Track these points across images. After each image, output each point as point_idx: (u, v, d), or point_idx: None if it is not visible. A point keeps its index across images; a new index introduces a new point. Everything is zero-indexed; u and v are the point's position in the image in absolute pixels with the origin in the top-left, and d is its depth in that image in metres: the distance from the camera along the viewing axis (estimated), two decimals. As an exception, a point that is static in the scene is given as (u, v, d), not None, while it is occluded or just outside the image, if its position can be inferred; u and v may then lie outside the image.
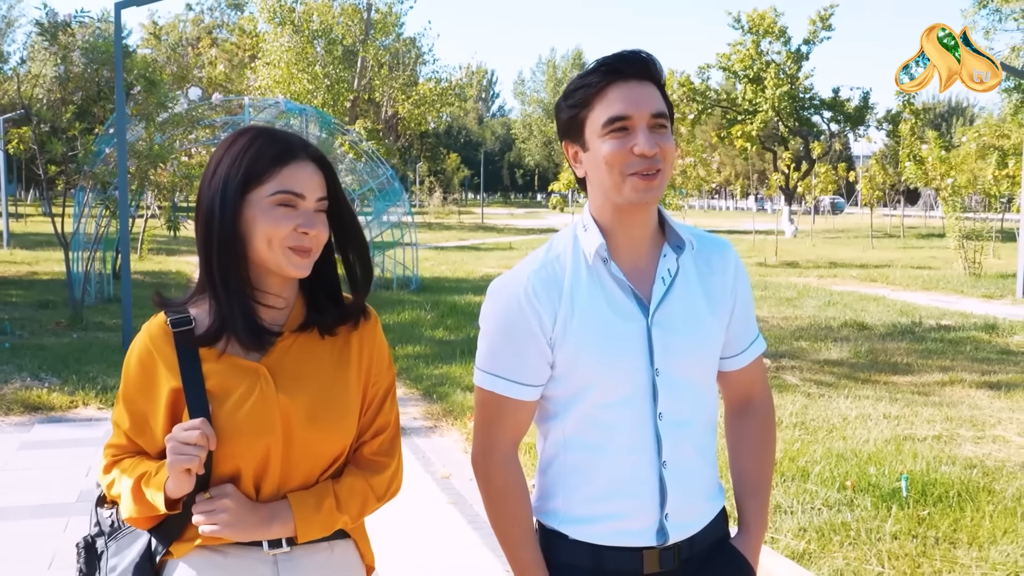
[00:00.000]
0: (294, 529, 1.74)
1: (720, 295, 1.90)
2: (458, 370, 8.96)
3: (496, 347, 1.85)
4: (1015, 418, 7.19)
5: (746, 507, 2.01)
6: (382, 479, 1.85)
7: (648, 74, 1.78)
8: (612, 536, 1.83)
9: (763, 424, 2.04)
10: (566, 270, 1.83)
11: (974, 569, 4.28)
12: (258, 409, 1.73)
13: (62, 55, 11.23)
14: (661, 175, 1.76)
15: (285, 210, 1.70)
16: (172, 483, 1.68)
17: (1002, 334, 11.35)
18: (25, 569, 4.40)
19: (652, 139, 1.74)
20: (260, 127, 1.81)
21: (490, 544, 4.84)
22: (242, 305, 1.73)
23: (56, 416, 7.35)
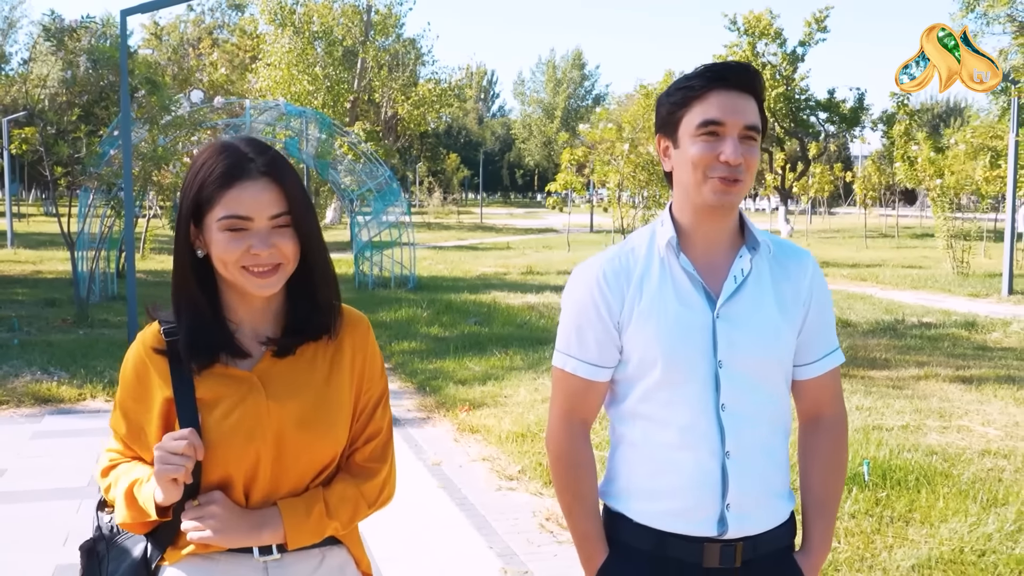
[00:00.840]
0: (284, 536, 1.75)
1: (793, 300, 1.93)
2: (451, 365, 9.29)
3: (569, 329, 1.96)
4: (982, 409, 7.52)
5: (811, 525, 2.02)
6: (373, 485, 1.85)
7: (750, 87, 1.83)
8: (672, 522, 1.87)
9: (834, 440, 2.03)
10: (639, 260, 1.91)
11: (923, 544, 4.61)
12: (248, 416, 1.74)
13: (68, 60, 11.54)
14: (741, 184, 1.82)
15: (233, 234, 1.70)
16: (160, 492, 1.69)
17: (980, 331, 11.69)
18: (42, 545, 4.73)
19: (739, 149, 1.80)
20: (221, 143, 1.77)
21: (475, 523, 5.18)
22: (189, 326, 1.76)
23: (65, 408, 7.68)
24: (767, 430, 1.90)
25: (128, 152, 10.36)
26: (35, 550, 4.69)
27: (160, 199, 18.49)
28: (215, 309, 1.78)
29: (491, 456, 6.42)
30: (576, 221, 44.91)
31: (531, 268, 21.27)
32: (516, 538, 4.96)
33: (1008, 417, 7.27)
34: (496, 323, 12.09)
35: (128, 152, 10.36)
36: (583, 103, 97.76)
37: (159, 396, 1.76)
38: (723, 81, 1.81)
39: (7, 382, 8.24)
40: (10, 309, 12.92)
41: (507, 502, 5.54)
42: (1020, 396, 7.97)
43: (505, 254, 26.79)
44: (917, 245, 31.57)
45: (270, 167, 1.72)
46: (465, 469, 6.19)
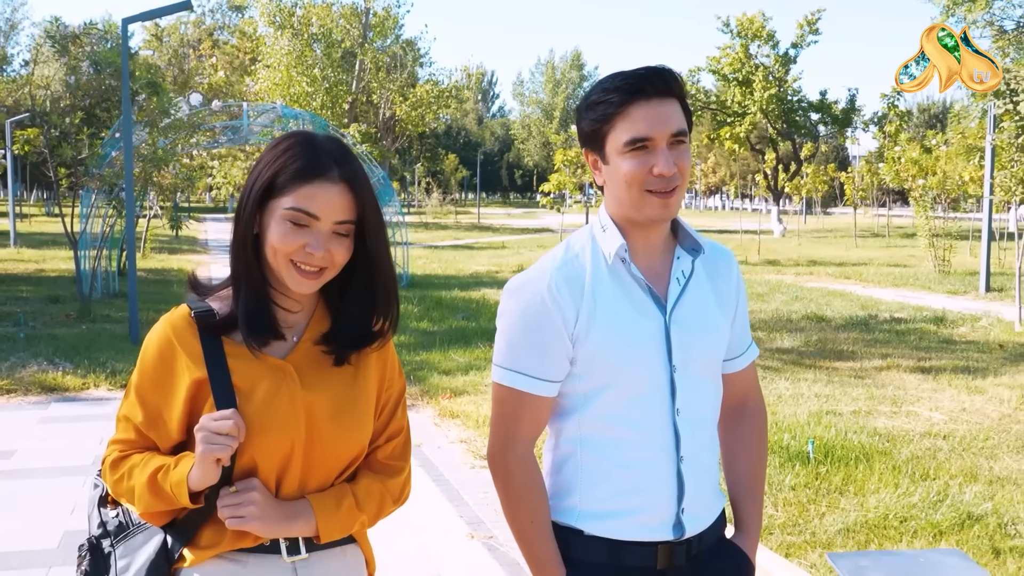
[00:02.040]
0: (315, 528, 1.74)
1: (727, 298, 1.97)
2: (437, 356, 9.76)
3: (517, 343, 1.86)
4: (934, 397, 7.98)
5: (743, 507, 2.07)
6: (397, 482, 1.86)
7: (670, 91, 1.81)
8: (631, 531, 1.86)
9: (758, 427, 2.10)
10: (586, 268, 1.85)
11: (852, 512, 5.07)
12: (285, 405, 1.73)
13: (72, 65, 12.01)
14: (678, 191, 1.81)
15: (295, 227, 1.69)
16: (198, 473, 1.66)
17: (948, 326, 12.15)
18: (52, 515, 5.19)
19: (671, 158, 1.78)
20: (307, 134, 1.78)
21: (448, 496, 5.64)
22: (248, 302, 1.74)
23: (70, 396, 8.14)
24: (710, 429, 1.93)
25: (129, 154, 10.83)
26: (45, 519, 5.14)
27: (160, 199, 18.97)
28: (266, 292, 1.77)
29: (468, 438, 6.88)
30: (572, 221, 45.44)
31: (522, 266, 21.72)
32: (485, 508, 5.42)
33: (957, 404, 7.73)
34: (483, 318, 12.57)
35: (129, 154, 10.83)
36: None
37: (186, 379, 1.73)
38: (641, 93, 1.78)
39: (15, 372, 8.70)
40: (15, 305, 13.39)
41: (479, 478, 6.00)
42: (973, 385, 8.43)
43: (499, 253, 27.25)
44: (906, 245, 31.99)
45: (350, 175, 1.72)
46: (443, 450, 6.65)
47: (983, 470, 5.84)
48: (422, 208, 63.89)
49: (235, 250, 1.76)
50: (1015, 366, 9.43)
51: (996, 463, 6.00)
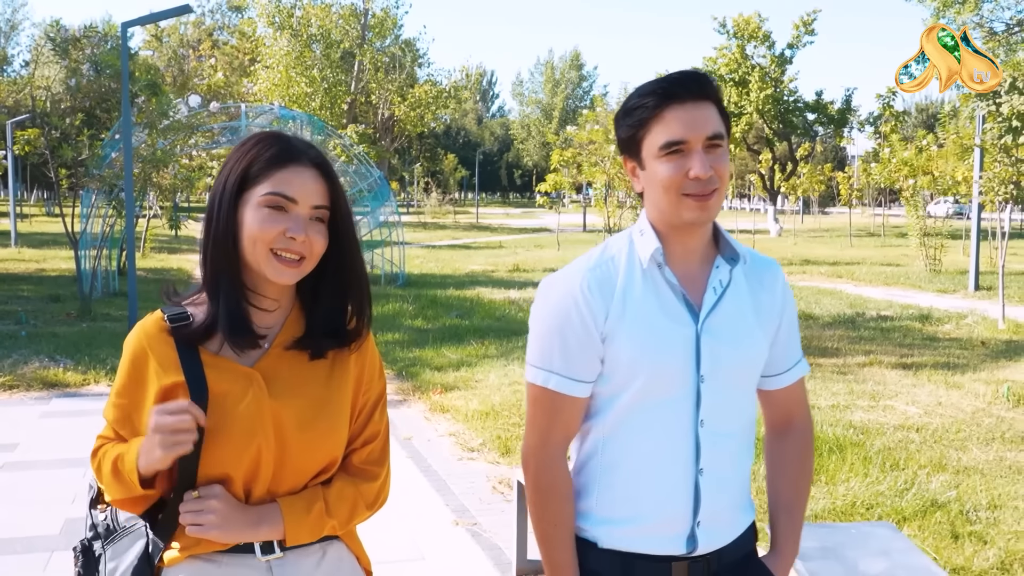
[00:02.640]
0: (283, 532, 1.73)
1: (768, 311, 1.92)
2: (429, 353, 9.97)
3: (549, 342, 1.86)
4: (912, 391, 8.19)
5: (779, 527, 2.02)
6: (372, 487, 1.84)
7: (704, 94, 1.80)
8: (642, 542, 1.84)
9: (803, 446, 2.05)
10: (620, 271, 1.85)
11: (820, 499, 5.28)
12: (251, 412, 1.72)
13: (72, 68, 12.23)
14: (716, 194, 1.79)
15: (273, 212, 1.69)
16: (144, 460, 1.66)
17: (933, 324, 12.36)
18: (53, 503, 5.40)
19: (707, 162, 1.76)
20: (274, 132, 1.79)
21: (436, 486, 5.85)
22: (229, 304, 1.72)
23: (71, 392, 8.35)
24: (739, 443, 1.89)
25: (129, 155, 11.04)
26: (47, 507, 5.36)
27: (159, 200, 19.19)
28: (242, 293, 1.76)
29: (457, 432, 7.09)
30: (571, 221, 45.67)
31: (518, 266, 21.96)
32: (470, 497, 5.64)
33: (934, 398, 7.94)
34: (477, 316, 12.78)
35: (129, 155, 11.04)
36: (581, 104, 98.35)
37: (155, 385, 1.72)
38: (675, 97, 1.78)
39: (17, 368, 8.91)
40: (17, 304, 13.60)
41: (466, 469, 6.22)
42: (951, 380, 8.64)
43: (496, 253, 27.46)
44: (900, 244, 32.21)
45: (321, 160, 1.76)
46: (433, 443, 6.86)
47: (951, 460, 6.05)
48: (421, 208, 64.09)
49: (212, 253, 1.74)
50: (995, 362, 9.64)
51: (965, 454, 6.22)
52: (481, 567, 4.63)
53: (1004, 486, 5.53)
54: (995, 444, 6.47)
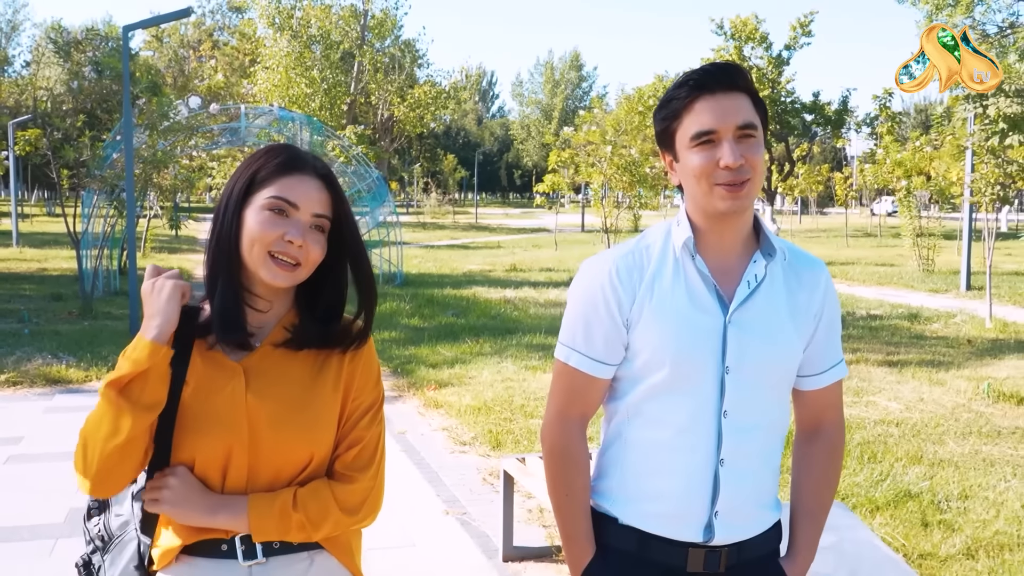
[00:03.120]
0: (247, 523, 1.73)
1: (805, 310, 1.90)
2: (425, 351, 10.17)
3: (575, 323, 1.92)
4: (896, 388, 8.38)
5: (799, 530, 2.01)
6: (349, 491, 1.80)
7: (735, 85, 1.81)
8: (659, 525, 1.86)
9: (831, 451, 2.02)
10: (652, 258, 1.88)
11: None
12: (225, 405, 1.75)
13: (74, 71, 12.42)
14: (749, 184, 1.80)
15: (275, 216, 1.73)
16: (151, 324, 1.70)
17: (921, 322, 12.55)
18: (57, 493, 5.59)
19: (737, 151, 1.77)
20: (284, 144, 1.86)
21: (428, 478, 6.04)
22: (224, 302, 1.76)
23: (74, 388, 8.54)
24: (765, 439, 1.88)
25: (130, 156, 11.23)
26: (52, 497, 5.54)
27: (160, 200, 19.40)
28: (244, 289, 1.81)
29: (450, 426, 7.28)
30: (569, 221, 45.87)
31: (515, 266, 22.15)
32: (461, 488, 5.83)
33: (916, 394, 8.13)
34: (472, 315, 12.98)
35: (130, 156, 11.23)
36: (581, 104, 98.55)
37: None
38: (705, 88, 1.80)
39: (21, 365, 9.10)
40: (19, 303, 13.80)
41: (458, 462, 6.41)
42: (935, 377, 8.83)
43: (494, 252, 27.65)
44: (896, 244, 32.36)
45: (326, 172, 1.81)
46: (426, 437, 7.05)
47: (928, 453, 6.24)
48: (421, 208, 64.28)
49: (214, 253, 1.79)
50: (979, 360, 9.83)
51: (941, 447, 6.41)
52: (469, 554, 4.81)
53: (976, 477, 5.71)
54: (971, 438, 6.66)
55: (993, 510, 5.14)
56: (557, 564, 4.66)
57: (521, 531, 4.95)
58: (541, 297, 15.51)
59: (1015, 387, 8.19)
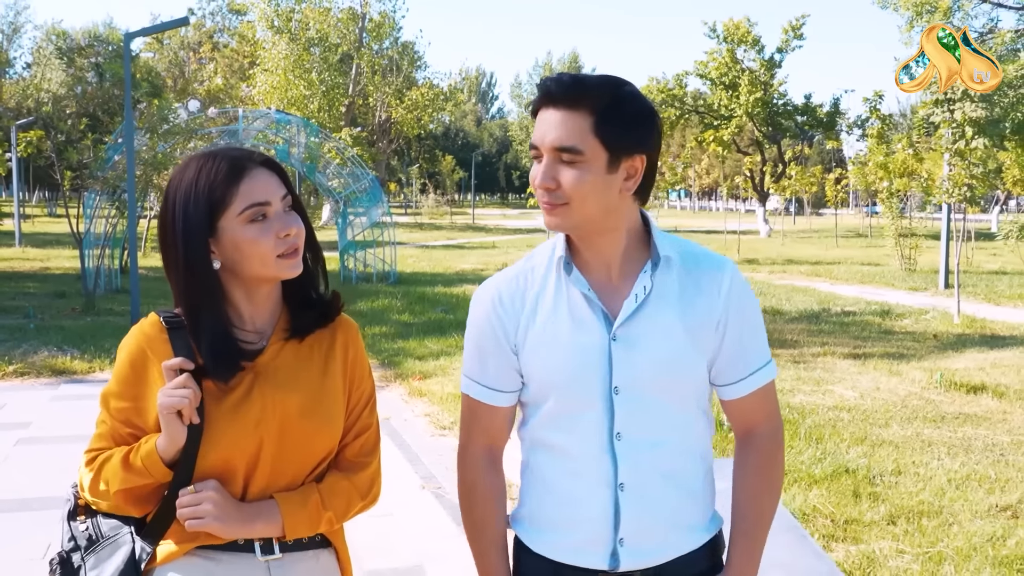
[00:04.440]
0: (281, 527, 1.77)
1: (704, 318, 1.78)
2: (413, 344, 10.66)
3: (470, 352, 1.88)
4: (856, 378, 8.86)
5: (733, 545, 1.88)
6: (363, 477, 1.88)
7: (568, 101, 1.67)
8: (566, 553, 1.81)
9: (764, 459, 1.87)
10: (536, 280, 1.81)
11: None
12: (254, 403, 1.77)
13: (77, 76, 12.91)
14: (566, 209, 1.69)
15: (259, 224, 1.74)
16: (164, 436, 1.72)
17: (892, 318, 13.04)
18: (64, 470, 6.04)
19: (548, 172, 1.68)
20: (204, 153, 1.82)
21: (408, 457, 6.52)
22: (214, 340, 1.76)
23: (78, 378, 9.02)
24: (672, 459, 1.79)
25: (131, 159, 11.72)
26: (59, 474, 6.01)
27: (160, 201, 19.89)
28: (227, 317, 1.80)
29: (432, 413, 7.76)
30: (565, 222, 46.27)
31: (506, 264, 22.61)
32: (438, 467, 6.31)
33: (874, 384, 8.60)
34: (461, 311, 13.45)
35: (131, 159, 11.72)
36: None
37: (159, 387, 1.76)
38: (547, 98, 1.70)
39: (27, 357, 9.59)
40: (24, 300, 14.29)
41: (437, 444, 6.89)
42: (895, 368, 9.30)
43: (489, 253, 28.13)
44: (885, 245, 32.92)
45: (265, 158, 1.82)
46: (409, 422, 7.53)
47: (872, 435, 6.72)
48: (419, 209, 64.75)
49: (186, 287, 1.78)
50: (941, 353, 10.30)
51: (885, 430, 6.89)
52: (441, 522, 5.29)
53: (912, 456, 6.19)
54: (916, 422, 7.13)
55: (921, 484, 5.62)
56: (519, 530, 5.14)
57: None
58: (529, 295, 15.96)
59: (967, 377, 8.67)
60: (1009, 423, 7.18)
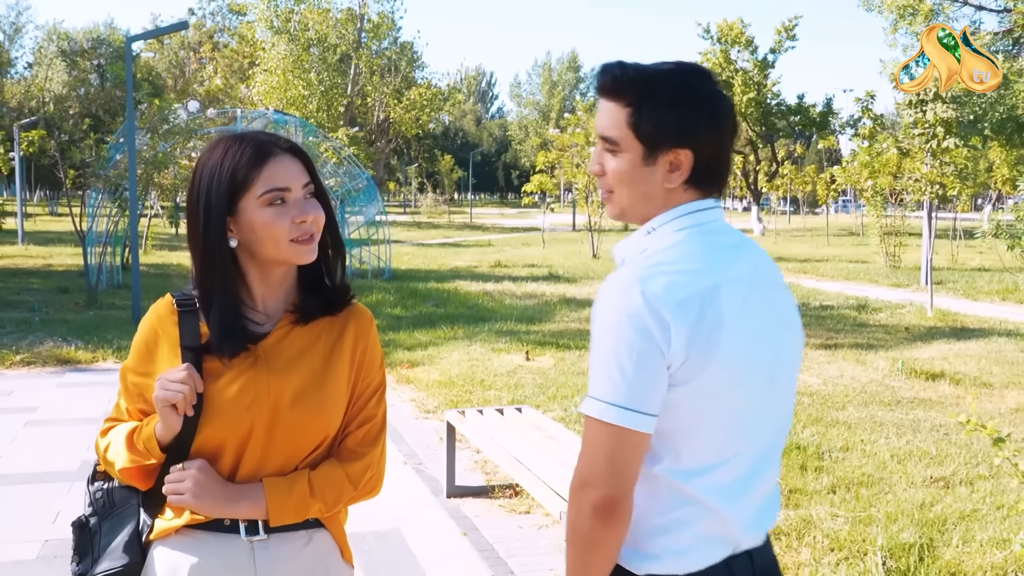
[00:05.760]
0: (265, 510, 1.78)
1: None
2: (403, 336, 11.10)
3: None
4: (822, 367, 9.29)
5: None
6: (359, 466, 1.87)
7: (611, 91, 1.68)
8: None
9: None
10: None
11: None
12: (249, 386, 1.79)
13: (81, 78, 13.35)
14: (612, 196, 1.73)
15: (276, 208, 1.77)
16: (160, 424, 1.77)
17: (868, 312, 13.49)
18: (71, 449, 6.51)
19: (596, 159, 1.72)
20: (231, 135, 1.85)
21: (393, 438, 6.95)
22: (224, 318, 1.81)
23: (82, 367, 9.46)
24: None
25: (133, 158, 12.16)
26: (66, 452, 6.46)
27: (160, 199, 20.37)
28: (237, 296, 1.84)
29: (418, 398, 8.21)
30: (564, 221, 46.78)
31: (500, 262, 23.09)
32: (420, 446, 6.75)
33: (839, 372, 9.04)
34: (451, 305, 13.92)
35: (133, 158, 12.16)
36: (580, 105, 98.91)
37: (166, 365, 1.83)
38: (597, 86, 1.72)
39: (34, 347, 10.03)
40: (28, 295, 14.74)
41: (420, 426, 7.33)
42: (862, 358, 9.74)
43: (484, 250, 28.58)
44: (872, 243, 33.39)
45: (291, 145, 1.85)
46: (395, 407, 7.97)
47: (827, 417, 7.16)
48: (417, 208, 65.18)
49: (206, 275, 1.82)
50: (910, 345, 10.74)
51: (842, 412, 7.33)
52: (420, 493, 5.73)
53: (861, 435, 6.63)
54: (871, 406, 7.57)
55: (866, 459, 6.06)
56: (490, 499, 5.58)
57: (464, 476, 5.89)
58: (519, 290, 16.45)
59: (929, 365, 9.11)
60: (960, 406, 7.61)
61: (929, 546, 4.54)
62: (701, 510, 1.66)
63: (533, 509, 5.34)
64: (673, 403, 1.59)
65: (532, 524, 5.17)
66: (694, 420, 1.62)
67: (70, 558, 1.92)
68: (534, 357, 9.66)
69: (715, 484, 1.66)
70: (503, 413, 5.81)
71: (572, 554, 1.62)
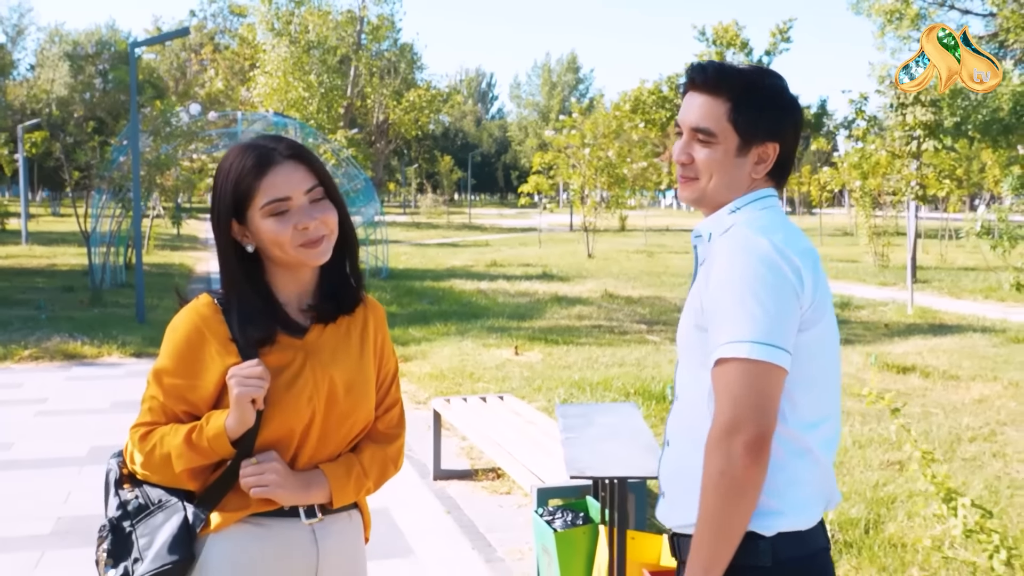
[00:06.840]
0: (330, 494, 1.92)
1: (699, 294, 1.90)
2: (397, 332, 11.46)
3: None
4: (799, 361, 9.66)
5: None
6: (395, 448, 2.04)
7: (704, 86, 1.86)
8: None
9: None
10: None
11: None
12: (310, 379, 1.90)
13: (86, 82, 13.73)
14: (695, 183, 1.89)
15: (279, 217, 1.83)
16: (235, 419, 1.83)
17: (851, 309, 13.85)
18: (79, 437, 6.88)
19: (684, 149, 1.89)
20: (242, 143, 1.92)
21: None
22: (242, 311, 1.89)
23: (88, 361, 9.84)
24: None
25: (137, 160, 12.55)
26: (76, 439, 6.84)
27: (163, 200, 20.76)
28: (266, 296, 1.92)
29: (409, 390, 8.58)
30: (562, 221, 47.15)
31: (495, 262, 23.47)
32: (410, 434, 7.00)
33: (815, 366, 9.40)
34: (445, 303, 14.31)
35: (137, 160, 12.55)
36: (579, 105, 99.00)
37: (218, 364, 1.87)
38: (692, 83, 1.88)
39: (41, 343, 10.41)
40: (34, 294, 15.13)
41: (412, 416, 7.67)
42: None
43: (481, 250, 28.95)
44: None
45: (292, 149, 1.89)
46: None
47: (797, 407, 7.52)
48: (417, 209, 65.54)
49: (225, 277, 1.94)
50: (888, 340, 11.11)
51: (811, 403, 7.68)
52: (408, 476, 6.11)
53: (827, 423, 7.00)
54: (841, 397, 7.93)
55: (828, 444, 6.43)
56: (474, 482, 5.96)
57: (451, 460, 6.27)
58: (512, 288, 16.84)
59: (902, 360, 9.48)
60: (927, 398, 7.98)
61: (876, 521, 4.92)
62: (812, 463, 1.76)
63: (513, 490, 5.72)
64: (797, 349, 1.70)
65: (512, 503, 5.56)
66: (812, 370, 1.74)
67: (96, 559, 1.93)
68: (523, 352, 10.04)
69: (824, 438, 1.78)
70: (486, 401, 6.20)
71: (718, 506, 1.66)
